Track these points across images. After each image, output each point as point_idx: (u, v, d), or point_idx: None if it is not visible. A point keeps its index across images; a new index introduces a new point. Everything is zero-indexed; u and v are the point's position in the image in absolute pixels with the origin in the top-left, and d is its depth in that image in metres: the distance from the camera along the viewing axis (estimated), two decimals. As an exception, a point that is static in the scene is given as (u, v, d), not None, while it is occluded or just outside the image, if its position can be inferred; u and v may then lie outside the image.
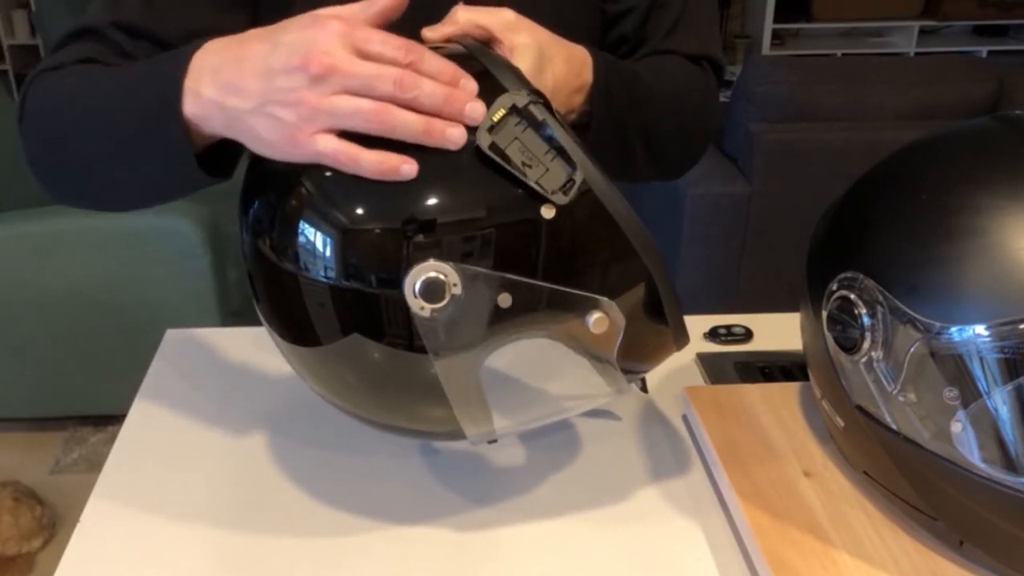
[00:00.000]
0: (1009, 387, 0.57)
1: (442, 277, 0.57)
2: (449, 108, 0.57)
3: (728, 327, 0.96)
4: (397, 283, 0.57)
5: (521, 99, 0.57)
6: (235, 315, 2.06)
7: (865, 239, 0.64)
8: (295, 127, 0.57)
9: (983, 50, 4.28)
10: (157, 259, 1.95)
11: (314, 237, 0.59)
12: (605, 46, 0.90)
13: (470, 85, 0.58)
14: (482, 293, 0.58)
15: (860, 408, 0.65)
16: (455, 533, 0.69)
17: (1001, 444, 0.57)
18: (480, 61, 0.61)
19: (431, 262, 0.57)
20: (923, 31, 4.31)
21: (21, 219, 2.05)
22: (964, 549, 0.63)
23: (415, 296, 0.57)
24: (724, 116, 2.31)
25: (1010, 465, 0.57)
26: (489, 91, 0.59)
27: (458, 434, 0.65)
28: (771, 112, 2.15)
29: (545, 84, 0.69)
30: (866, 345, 0.62)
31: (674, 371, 0.90)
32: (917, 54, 4.23)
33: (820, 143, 2.14)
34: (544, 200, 0.57)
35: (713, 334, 0.95)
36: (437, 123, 0.56)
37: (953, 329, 0.58)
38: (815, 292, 0.68)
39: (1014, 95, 2.19)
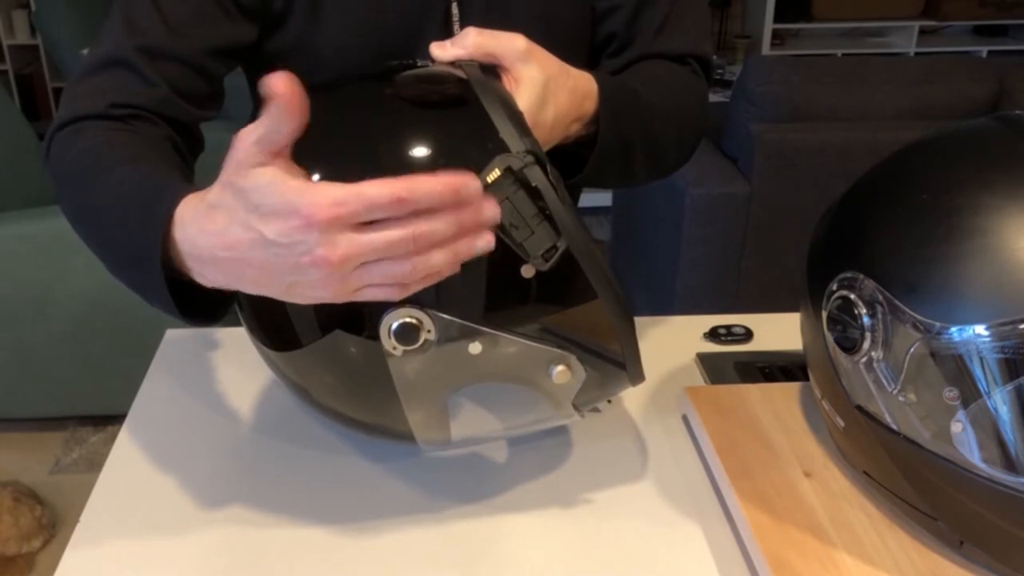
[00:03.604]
0: (1009, 387, 0.57)
1: (416, 322, 0.58)
2: (466, 233, 0.52)
3: (728, 327, 0.96)
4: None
5: (517, 162, 0.57)
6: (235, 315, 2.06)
7: (865, 239, 0.64)
8: (332, 296, 0.53)
9: (983, 50, 4.28)
10: (157, 259, 1.95)
11: None
12: (593, 44, 0.90)
13: (472, 186, 0.51)
14: (454, 340, 0.59)
15: (860, 408, 0.65)
16: (453, 534, 0.69)
17: (1001, 444, 0.57)
18: (480, 102, 0.60)
19: (407, 308, 0.58)
20: (923, 31, 4.31)
21: (21, 219, 2.05)
22: (964, 549, 0.63)
23: (389, 337, 0.58)
24: (724, 116, 2.31)
25: (1010, 465, 0.57)
26: (486, 137, 0.59)
27: (412, 439, 0.66)
28: (771, 112, 2.15)
29: (545, 119, 0.69)
30: (866, 345, 0.62)
31: (674, 371, 0.90)
32: (917, 54, 4.23)
33: (820, 143, 2.14)
34: (525, 261, 0.58)
35: (713, 334, 0.95)
36: (462, 248, 0.52)
37: (953, 329, 0.58)
38: (815, 292, 0.68)
39: (1014, 95, 2.19)
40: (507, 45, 0.68)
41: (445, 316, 0.58)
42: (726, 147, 2.30)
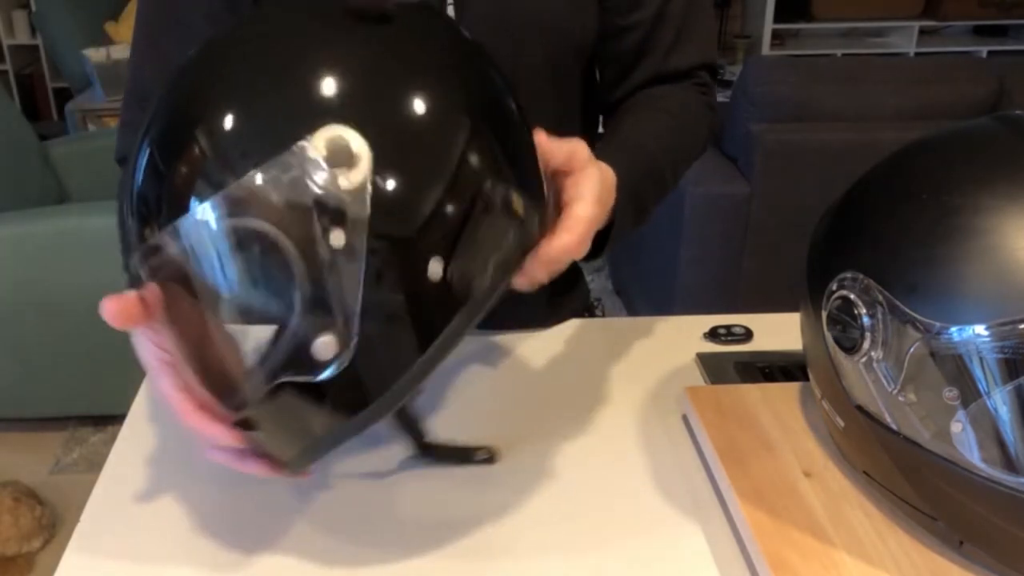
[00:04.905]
0: (1009, 387, 0.57)
1: (353, 148, 0.51)
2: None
3: (728, 327, 0.96)
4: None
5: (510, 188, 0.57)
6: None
7: (865, 239, 0.64)
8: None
9: (983, 50, 4.28)
10: (157, 259, 1.95)
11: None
12: (604, 60, 0.91)
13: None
14: (349, 205, 0.51)
15: (860, 408, 0.65)
16: (453, 533, 0.69)
17: (1001, 444, 0.57)
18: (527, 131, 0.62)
19: (350, 129, 0.51)
20: (923, 31, 4.32)
21: (21, 219, 2.05)
22: (964, 549, 0.63)
23: (319, 146, 0.51)
24: (724, 116, 2.31)
25: (1010, 465, 0.57)
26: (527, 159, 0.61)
27: None
28: (771, 112, 2.15)
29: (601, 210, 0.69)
30: (866, 345, 0.62)
31: (674, 371, 0.90)
32: (917, 54, 4.23)
33: (820, 143, 2.14)
34: (444, 261, 0.53)
35: (713, 334, 0.95)
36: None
37: (953, 329, 0.58)
38: (815, 292, 0.68)
39: (1014, 95, 2.20)
40: (589, 183, 0.66)
41: (389, 182, 0.51)
42: (726, 147, 2.30)
